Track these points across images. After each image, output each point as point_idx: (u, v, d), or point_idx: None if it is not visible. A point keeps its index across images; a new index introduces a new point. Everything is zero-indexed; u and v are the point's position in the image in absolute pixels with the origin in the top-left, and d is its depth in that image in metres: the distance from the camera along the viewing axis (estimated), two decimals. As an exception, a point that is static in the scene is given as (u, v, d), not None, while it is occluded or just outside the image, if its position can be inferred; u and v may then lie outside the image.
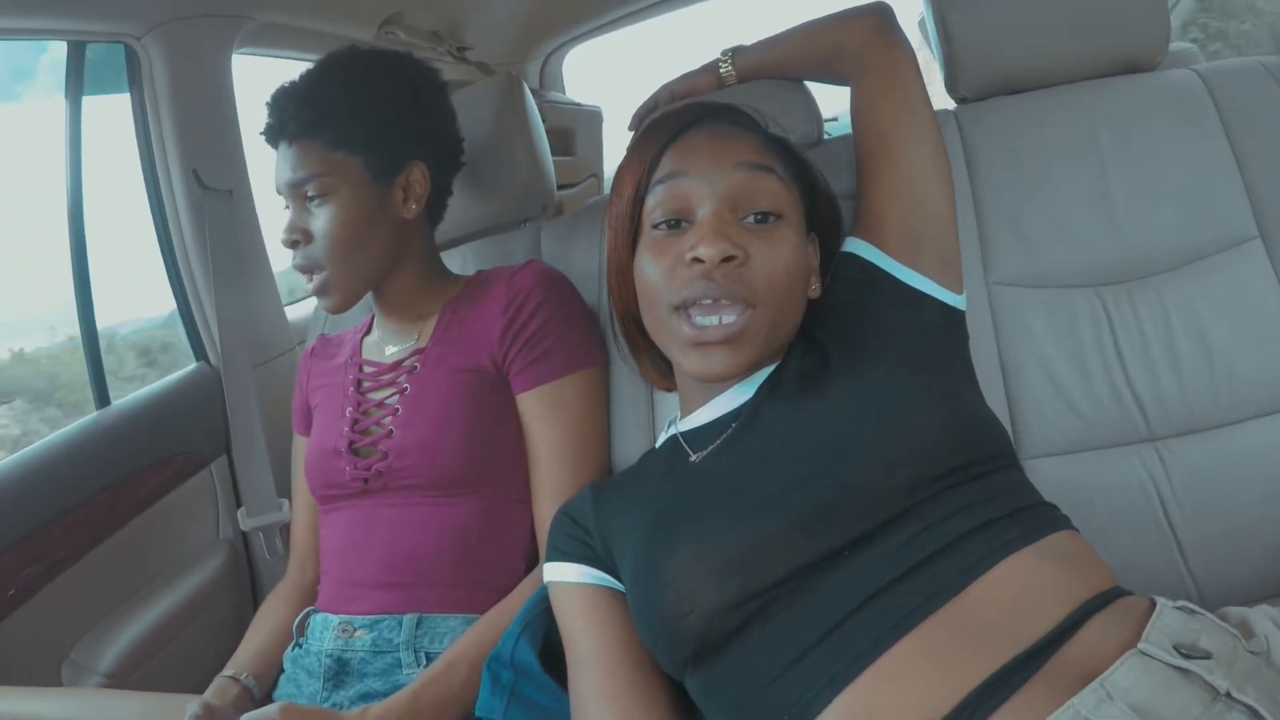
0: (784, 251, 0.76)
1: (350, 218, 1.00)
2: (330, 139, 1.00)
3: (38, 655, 1.13)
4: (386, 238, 1.04)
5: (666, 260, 0.76)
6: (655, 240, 0.78)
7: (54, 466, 1.19)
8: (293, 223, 1.01)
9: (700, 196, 0.76)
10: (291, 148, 1.00)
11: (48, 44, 1.39)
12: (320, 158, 1.00)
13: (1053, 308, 0.99)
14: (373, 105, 1.02)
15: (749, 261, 0.74)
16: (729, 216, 0.75)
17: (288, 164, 1.01)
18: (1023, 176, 1.02)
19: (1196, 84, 1.02)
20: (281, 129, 1.01)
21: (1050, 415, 0.97)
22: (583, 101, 2.84)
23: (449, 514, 0.98)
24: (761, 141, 0.82)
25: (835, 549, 0.64)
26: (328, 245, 1.00)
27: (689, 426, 0.83)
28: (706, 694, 0.68)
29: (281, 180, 1.02)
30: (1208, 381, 0.95)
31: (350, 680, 0.95)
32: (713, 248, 0.72)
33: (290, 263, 1.05)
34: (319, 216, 1.00)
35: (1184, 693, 0.53)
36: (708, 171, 0.77)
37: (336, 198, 1.00)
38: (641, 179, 0.80)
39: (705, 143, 0.79)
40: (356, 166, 1.01)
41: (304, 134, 1.00)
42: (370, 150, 1.01)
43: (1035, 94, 1.07)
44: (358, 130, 1.01)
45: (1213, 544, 0.93)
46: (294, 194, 1.01)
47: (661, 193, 0.78)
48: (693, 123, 0.81)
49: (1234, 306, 0.95)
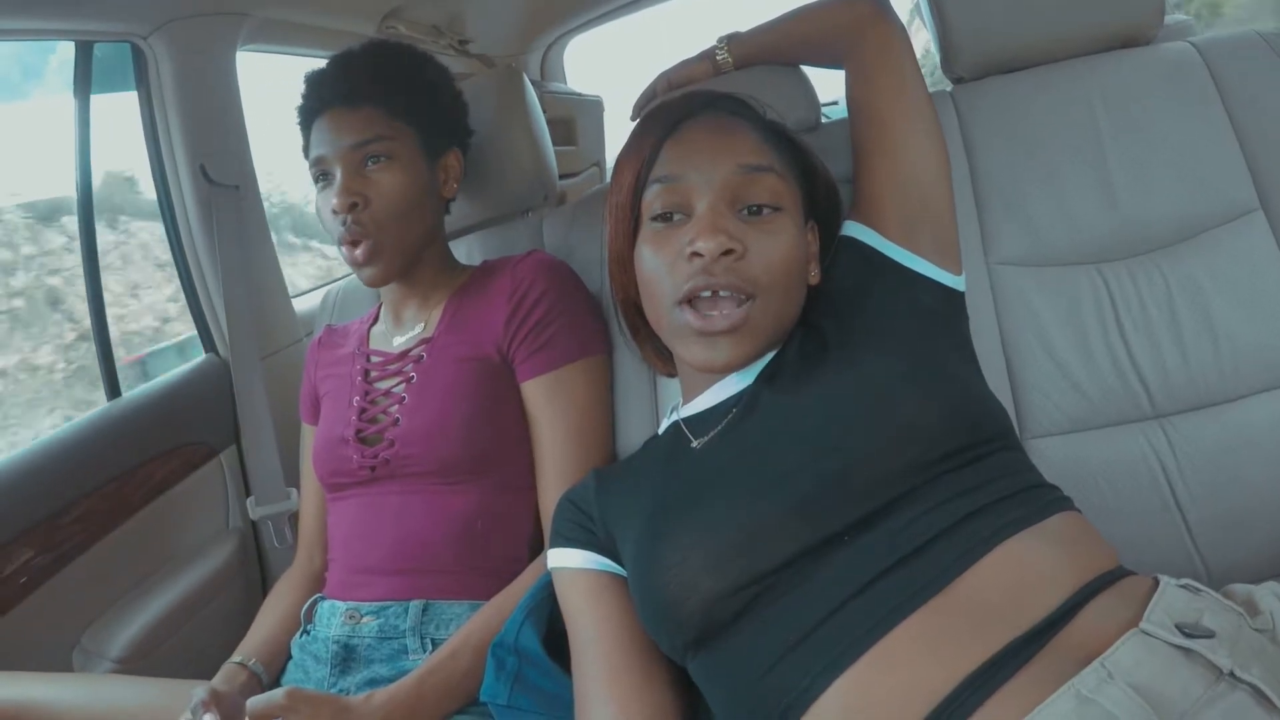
0: (782, 241, 0.76)
1: (409, 182, 1.03)
2: (394, 108, 1.03)
3: (49, 641, 1.15)
4: (431, 214, 1.08)
5: (666, 254, 0.77)
6: (655, 233, 0.79)
7: (65, 457, 1.20)
8: (348, 185, 1.00)
9: (698, 193, 0.77)
10: (357, 111, 1.01)
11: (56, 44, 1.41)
12: (385, 123, 1.02)
13: (1054, 286, 0.98)
14: (428, 86, 1.08)
15: (747, 254, 0.74)
16: (726, 210, 0.76)
17: (349, 127, 1.01)
18: (1021, 156, 1.02)
19: (1193, 56, 1.01)
20: (347, 93, 1.02)
21: (1053, 394, 0.97)
22: (584, 91, 2.84)
23: (455, 501, 0.99)
24: (760, 135, 0.81)
25: (834, 534, 0.64)
26: (386, 209, 1.01)
27: (690, 413, 0.83)
28: (707, 678, 0.69)
29: (342, 144, 1.01)
30: (1211, 357, 0.94)
31: (357, 666, 0.96)
32: (710, 241, 0.73)
33: (335, 233, 1.02)
34: (378, 181, 1.01)
35: (1186, 672, 0.53)
36: (705, 169, 0.77)
37: (398, 162, 1.02)
38: (641, 171, 0.80)
39: (703, 138, 0.79)
40: (414, 139, 1.05)
41: (371, 100, 1.02)
42: (424, 127, 1.06)
43: (1031, 72, 1.06)
44: (417, 105, 1.05)
45: (1219, 521, 0.92)
46: (352, 159, 1.01)
47: (660, 190, 0.78)
48: (690, 114, 0.82)
49: (1236, 280, 0.94)
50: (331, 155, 1.01)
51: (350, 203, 0.99)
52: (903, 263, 0.83)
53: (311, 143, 1.05)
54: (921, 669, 0.57)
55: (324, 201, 1.03)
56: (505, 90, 1.24)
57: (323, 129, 1.03)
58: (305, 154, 1.07)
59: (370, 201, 1.00)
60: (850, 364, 0.75)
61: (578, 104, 2.73)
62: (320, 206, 1.04)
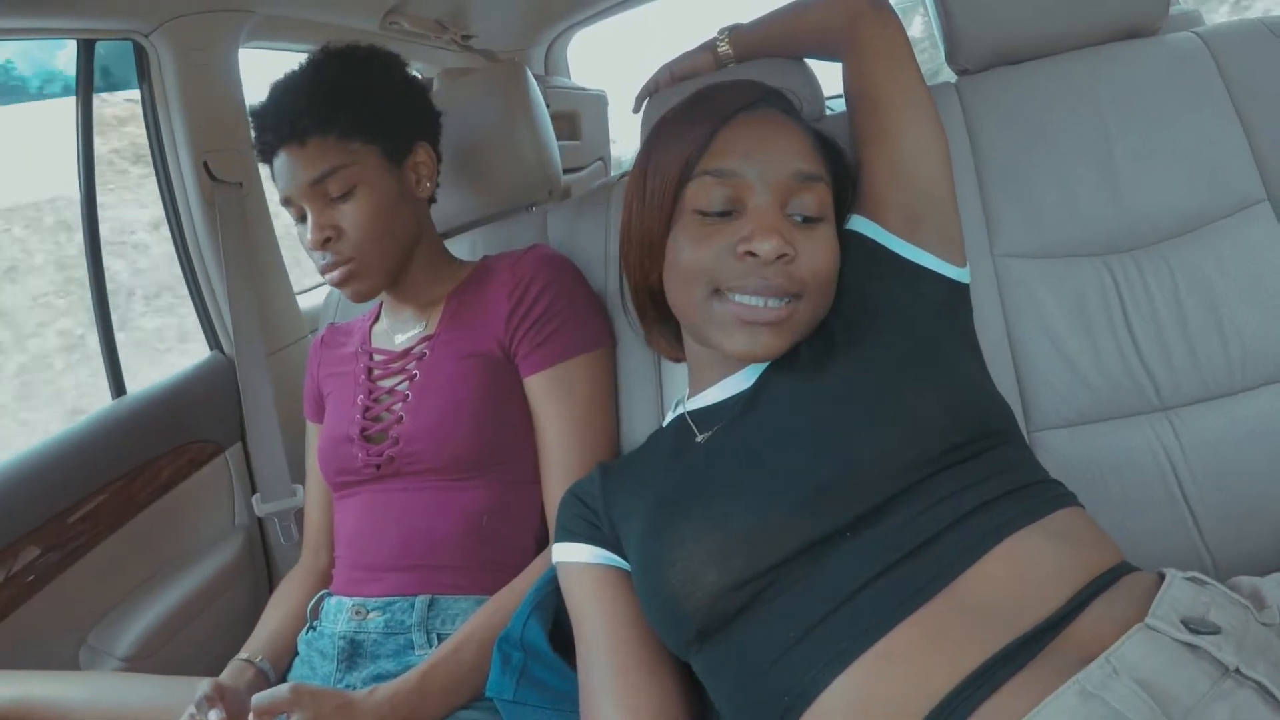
0: (826, 250, 0.77)
1: (378, 204, 1.00)
2: (343, 130, 0.99)
3: (56, 639, 1.16)
4: (409, 220, 1.05)
5: (711, 246, 0.75)
6: (700, 223, 0.77)
7: (72, 455, 1.21)
8: (319, 221, 0.99)
9: (754, 192, 0.76)
10: (305, 147, 0.98)
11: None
12: (338, 150, 0.99)
13: (1059, 278, 0.98)
14: (372, 92, 1.02)
15: (798, 258, 0.74)
16: (780, 213, 0.75)
17: (302, 165, 0.99)
18: (1026, 148, 1.01)
19: (1199, 47, 1.01)
20: (289, 133, 0.99)
21: (1059, 387, 0.96)
22: (588, 86, 2.84)
23: (460, 497, 0.99)
24: (812, 141, 0.81)
25: (838, 529, 0.64)
26: (360, 236, 0.99)
27: (696, 406, 0.83)
28: (710, 673, 0.69)
29: (299, 182, 0.99)
30: (1218, 348, 0.93)
31: (363, 662, 0.96)
32: (768, 243, 0.72)
33: (318, 263, 1.02)
34: (346, 210, 0.99)
35: (1192, 668, 0.52)
36: (763, 168, 0.76)
37: (362, 187, 0.99)
38: (690, 159, 0.78)
39: (762, 134, 0.78)
40: (373, 153, 1.01)
41: (315, 131, 0.98)
42: (381, 136, 1.02)
43: (1036, 63, 1.05)
44: (366, 117, 1.01)
45: (1226, 513, 0.91)
46: (314, 193, 0.99)
47: (712, 183, 0.76)
48: (747, 105, 0.80)
49: (1243, 271, 0.94)
50: (295, 194, 1.00)
51: (324, 238, 0.99)
52: (906, 256, 0.83)
53: (276, 182, 1.03)
54: (925, 665, 0.57)
55: (302, 234, 1.02)
56: (509, 85, 1.24)
57: (281, 169, 1.01)
58: (274, 180, 1.04)
59: (343, 231, 0.99)
60: (855, 359, 0.75)
61: (581, 99, 2.72)
62: (300, 237, 1.03)
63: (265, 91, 1.04)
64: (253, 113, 1.03)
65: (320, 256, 1.01)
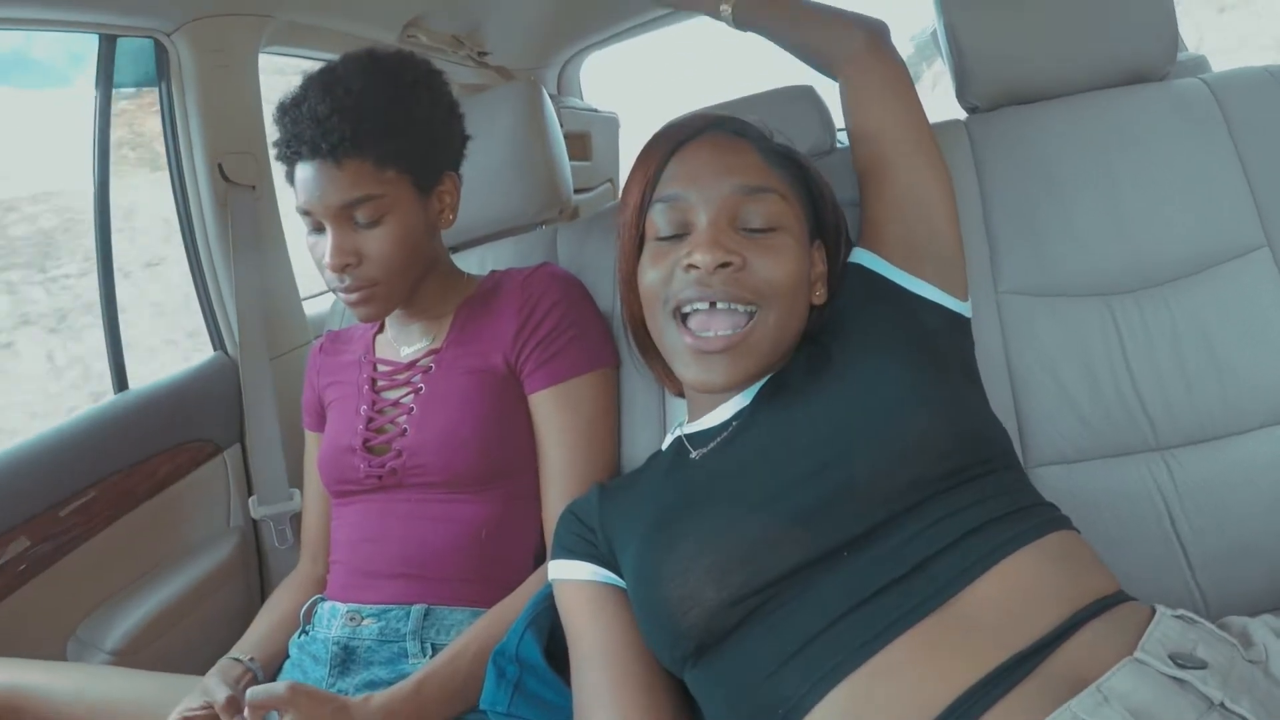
0: (784, 257, 0.78)
1: (405, 236, 0.97)
2: (380, 157, 0.94)
3: (45, 630, 1.15)
4: (428, 249, 1.03)
5: (664, 266, 0.79)
6: (657, 248, 0.80)
7: (70, 447, 1.20)
8: (340, 245, 0.94)
9: (699, 211, 0.78)
10: (340, 168, 0.92)
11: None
12: (373, 178, 0.94)
13: (1062, 317, 0.99)
14: (417, 119, 0.98)
15: (747, 266, 0.76)
16: (726, 227, 0.77)
17: (334, 186, 0.93)
18: (1033, 186, 1.03)
19: (1204, 93, 1.03)
20: (326, 149, 0.92)
21: (1058, 423, 0.97)
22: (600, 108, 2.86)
23: (462, 511, 0.99)
24: (763, 156, 0.83)
25: (835, 547, 0.64)
26: (382, 266, 0.96)
27: (693, 430, 0.84)
28: (704, 689, 0.69)
29: (328, 203, 0.93)
30: (1215, 391, 0.94)
31: (356, 668, 0.95)
32: (706, 254, 0.74)
33: (329, 281, 0.98)
34: (371, 238, 0.95)
35: (1179, 699, 0.53)
36: (706, 188, 0.78)
37: (391, 217, 0.96)
38: (645, 191, 0.82)
39: (705, 158, 0.81)
40: (406, 183, 0.97)
41: (354, 154, 0.93)
42: (415, 167, 0.98)
43: (1045, 104, 1.07)
44: (406, 148, 0.97)
45: (1219, 554, 0.92)
46: (341, 216, 0.94)
47: (663, 209, 0.80)
48: (694, 134, 0.83)
49: (1241, 315, 0.95)
50: (319, 211, 0.95)
51: (344, 263, 0.95)
52: (906, 286, 0.84)
53: (296, 186, 0.97)
54: (918, 682, 0.57)
55: (314, 246, 0.98)
56: (525, 102, 1.25)
57: (307, 180, 0.95)
58: (289, 180, 0.99)
59: (365, 258, 0.96)
60: (854, 378, 0.76)
61: (593, 120, 2.74)
62: (311, 247, 0.99)
63: (298, 86, 0.97)
64: (282, 108, 0.96)
65: (336, 279, 0.97)
